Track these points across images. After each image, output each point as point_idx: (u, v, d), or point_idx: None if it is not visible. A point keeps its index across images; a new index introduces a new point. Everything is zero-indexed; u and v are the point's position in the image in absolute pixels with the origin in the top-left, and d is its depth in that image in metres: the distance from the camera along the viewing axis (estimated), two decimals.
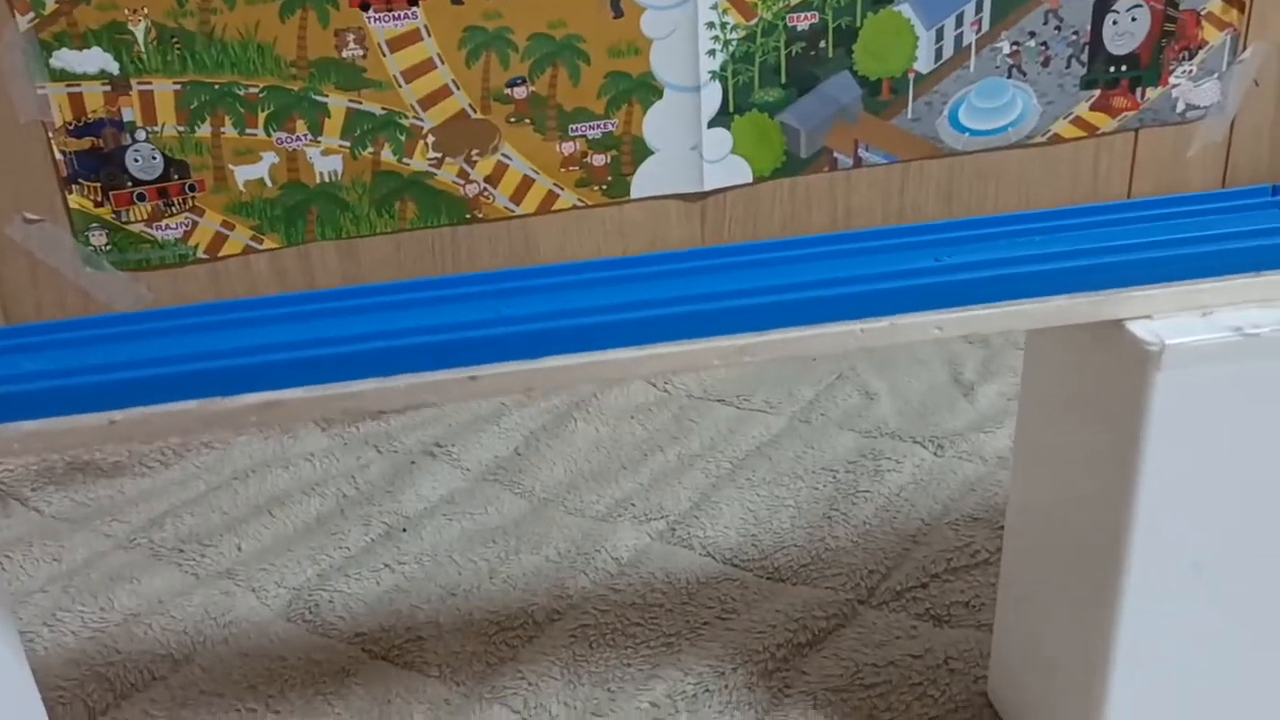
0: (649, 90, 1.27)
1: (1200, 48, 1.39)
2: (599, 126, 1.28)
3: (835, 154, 1.35)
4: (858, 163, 1.36)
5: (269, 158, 1.21)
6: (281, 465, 1.15)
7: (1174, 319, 0.63)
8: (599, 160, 1.29)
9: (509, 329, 0.61)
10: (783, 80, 1.30)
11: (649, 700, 0.84)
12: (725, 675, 0.86)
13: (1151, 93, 1.40)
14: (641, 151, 1.30)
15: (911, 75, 1.33)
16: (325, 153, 1.22)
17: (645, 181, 1.31)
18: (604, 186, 1.30)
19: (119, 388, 0.59)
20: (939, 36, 1.32)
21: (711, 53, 1.27)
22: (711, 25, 1.26)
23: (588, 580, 0.97)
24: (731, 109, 1.30)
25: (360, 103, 1.21)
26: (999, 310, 0.63)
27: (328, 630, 0.94)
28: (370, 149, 1.23)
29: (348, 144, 1.22)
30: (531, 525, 1.05)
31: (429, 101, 1.22)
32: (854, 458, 1.11)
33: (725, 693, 0.84)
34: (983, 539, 0.97)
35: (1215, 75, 1.41)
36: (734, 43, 1.27)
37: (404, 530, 1.04)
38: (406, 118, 1.22)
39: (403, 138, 1.23)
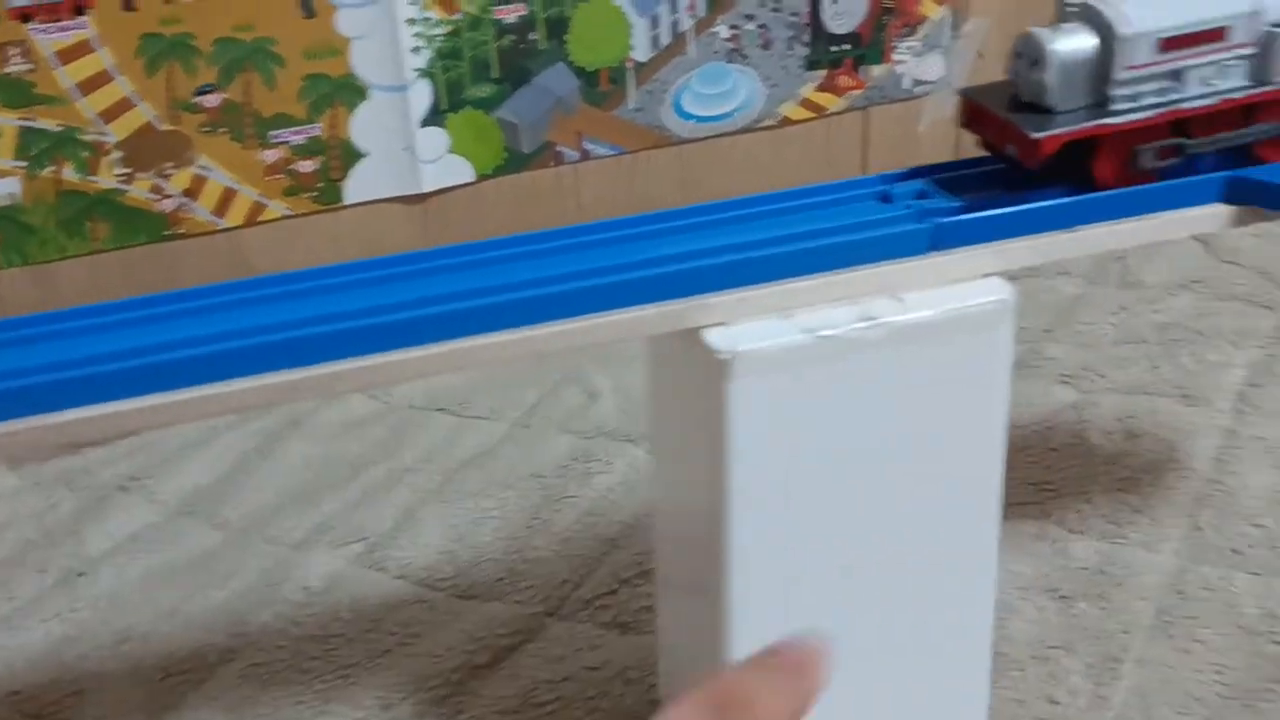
0: (353, 91, 1.23)
1: (920, 23, 1.40)
2: (302, 131, 1.23)
3: (559, 148, 1.32)
4: (584, 156, 1.33)
5: None
6: None
7: (755, 324, 0.61)
8: (306, 167, 1.24)
9: (206, 349, 0.57)
10: (495, 75, 1.26)
11: None
12: (392, 707, 0.83)
13: (877, 70, 1.40)
14: (351, 155, 1.25)
15: (630, 64, 1.31)
16: (0, 175, 1.15)
17: (359, 186, 1.27)
18: (315, 194, 1.25)
19: None
20: (654, 24, 1.30)
21: (416, 50, 1.23)
22: (413, 21, 1.22)
23: (270, 614, 0.93)
24: (444, 107, 1.26)
25: (34, 119, 1.14)
26: (588, 323, 0.61)
27: None
28: (51, 167, 1.16)
29: (24, 164, 1.15)
30: (223, 558, 1.00)
31: (110, 114, 1.16)
32: (566, 461, 1.09)
33: None
34: None
35: (939, 50, 1.42)
36: (439, 38, 1.23)
37: (81, 574, 0.98)
38: (87, 133, 1.16)
39: (85, 154, 1.16)
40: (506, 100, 1.28)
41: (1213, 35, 0.63)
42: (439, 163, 1.28)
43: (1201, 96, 0.64)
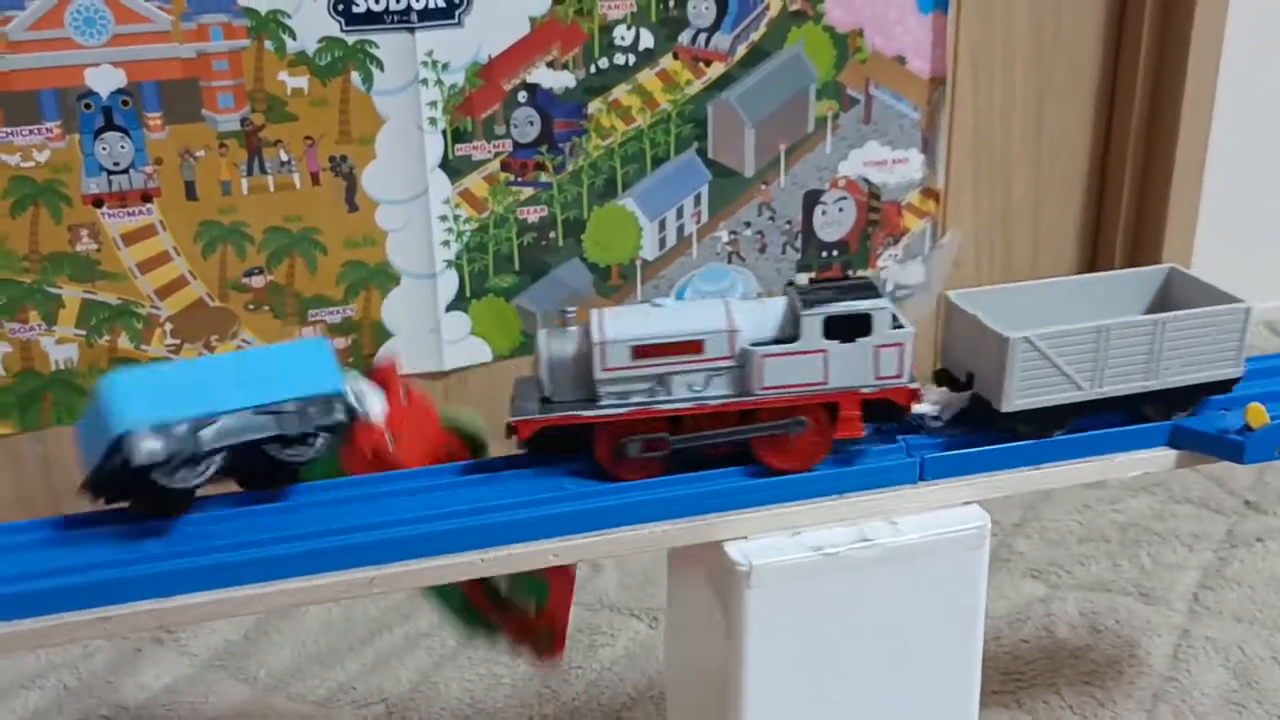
0: (386, 277, 1.34)
1: (903, 234, 1.53)
2: (338, 312, 1.33)
3: None
4: None
5: (2, 347, 1.23)
6: (3, 655, 1.15)
7: (768, 539, 0.71)
8: (340, 343, 1.34)
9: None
10: (516, 267, 1.38)
11: None
12: None
13: (862, 274, 1.53)
14: (381, 334, 1.36)
15: (639, 262, 1.43)
16: (60, 341, 1.24)
17: None
18: (345, 367, 1.35)
19: None
20: (662, 227, 1.43)
21: (446, 243, 1.34)
22: (445, 218, 1.33)
23: None
24: (468, 294, 1.37)
25: (95, 293, 1.24)
26: (616, 536, 0.70)
27: None
28: (107, 337, 1.26)
29: (83, 333, 1.25)
30: (252, 714, 1.07)
31: (166, 291, 1.26)
32: (571, 633, 1.17)
33: None
34: None
35: (919, 258, 1.55)
36: (467, 234, 1.35)
37: None
38: (143, 307, 1.26)
39: (139, 325, 1.26)
40: (525, 290, 1.39)
41: (690, 347, 0.70)
42: (460, 344, 1.39)
43: (683, 400, 0.71)
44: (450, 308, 1.37)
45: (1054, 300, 0.82)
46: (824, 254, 1.50)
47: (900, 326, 0.71)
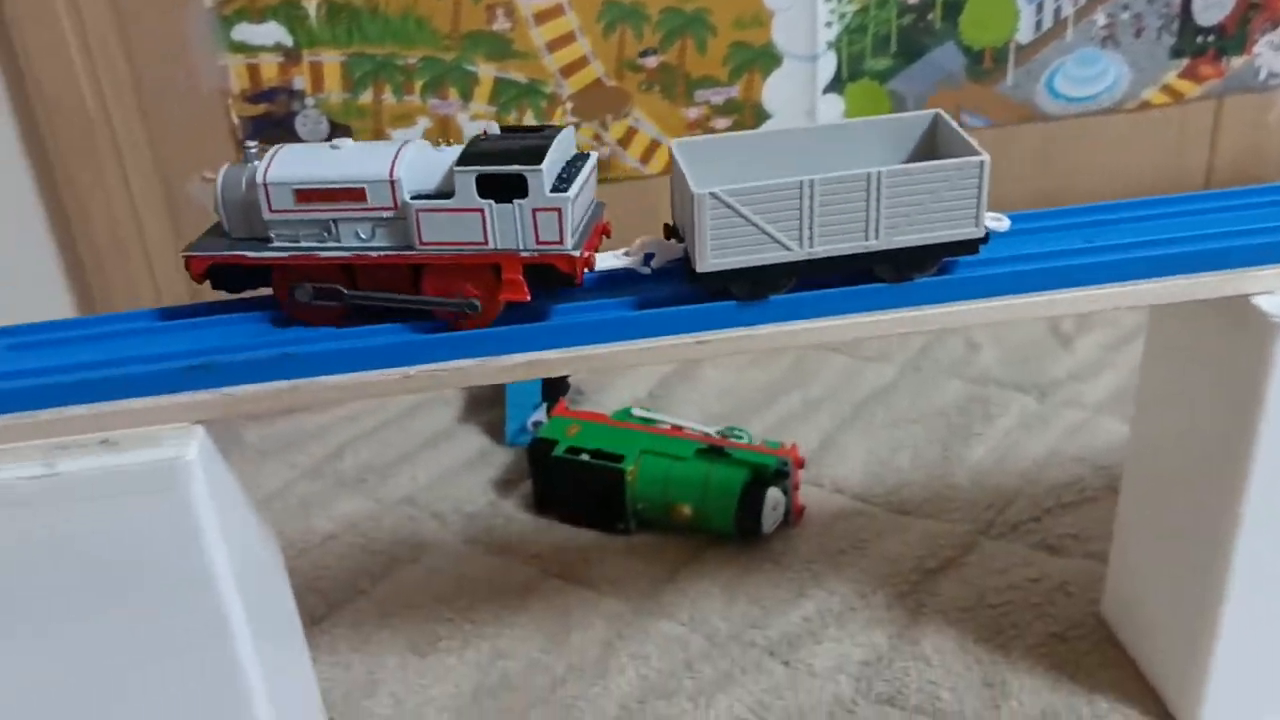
0: (769, 59, 1.37)
1: None
2: (722, 93, 1.37)
3: None
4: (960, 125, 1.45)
5: (423, 122, 1.32)
6: (443, 403, 1.27)
7: None
8: (721, 123, 1.39)
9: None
10: (893, 50, 1.39)
11: (800, 615, 0.96)
12: (866, 596, 0.98)
13: (1236, 61, 1.48)
14: (760, 116, 1.40)
15: (1012, 45, 1.42)
16: (473, 117, 1.33)
17: None
18: None
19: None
20: (1039, 9, 1.41)
21: (829, 24, 1.36)
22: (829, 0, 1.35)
23: None
24: (845, 76, 1.39)
25: (507, 72, 1.31)
26: (1139, 287, 0.74)
27: (503, 551, 1.06)
28: (514, 114, 1.33)
29: (494, 109, 1.32)
30: None
31: (569, 70, 1.33)
32: (963, 403, 1.22)
33: (868, 610, 0.96)
34: (1089, 478, 1.08)
35: None
36: (849, 14, 1.36)
37: None
38: (548, 85, 1.33)
39: (543, 103, 1.33)
40: (899, 73, 1.41)
41: (352, 194, 0.67)
42: None
43: (347, 249, 0.68)
44: (826, 90, 1.40)
45: (796, 149, 0.74)
46: (1199, 38, 1.46)
47: (561, 191, 0.66)
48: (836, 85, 1.40)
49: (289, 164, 0.69)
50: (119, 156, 1.27)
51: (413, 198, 0.67)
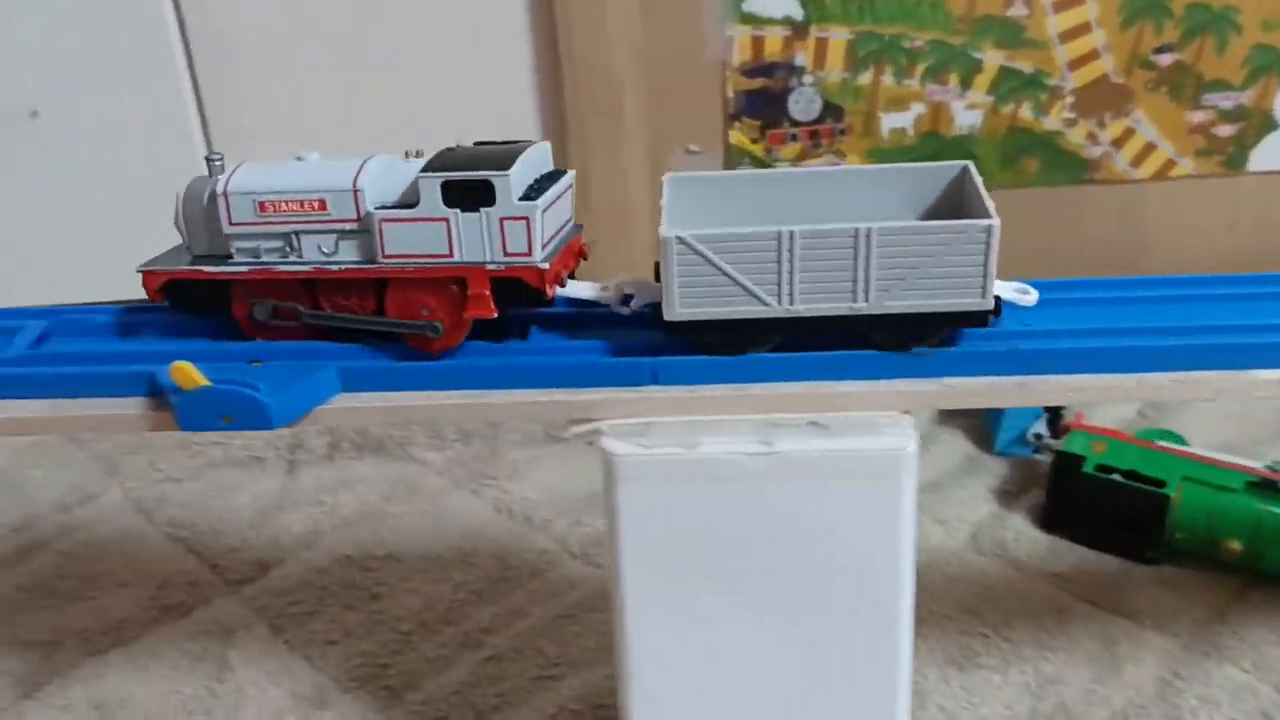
0: None
1: None
2: (1232, 98, 1.28)
3: None
4: None
5: (916, 108, 1.27)
6: None
7: None
8: (1225, 131, 1.29)
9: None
10: None
11: None
12: None
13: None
14: (1267, 125, 1.30)
15: None
16: (969, 106, 1.27)
17: (1264, 155, 1.31)
18: (1223, 157, 1.31)
19: None
20: None
21: None
22: None
23: None
24: None
25: (1013, 61, 1.25)
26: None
27: (1019, 566, 1.01)
28: (1011, 105, 1.27)
29: (991, 99, 1.27)
30: None
31: (1077, 64, 1.26)
32: None
33: None
34: None
35: None
36: None
37: None
38: (1051, 78, 1.26)
39: (1043, 96, 1.27)
40: None
41: (314, 205, 0.63)
42: None
43: (308, 263, 0.64)
44: None
45: (810, 193, 0.67)
46: None
47: (532, 199, 0.62)
48: None
49: (251, 175, 0.66)
50: (621, 123, 1.26)
51: (377, 209, 0.65)
